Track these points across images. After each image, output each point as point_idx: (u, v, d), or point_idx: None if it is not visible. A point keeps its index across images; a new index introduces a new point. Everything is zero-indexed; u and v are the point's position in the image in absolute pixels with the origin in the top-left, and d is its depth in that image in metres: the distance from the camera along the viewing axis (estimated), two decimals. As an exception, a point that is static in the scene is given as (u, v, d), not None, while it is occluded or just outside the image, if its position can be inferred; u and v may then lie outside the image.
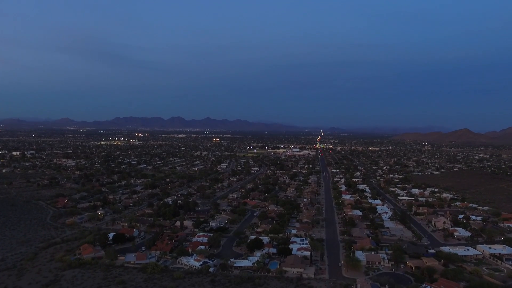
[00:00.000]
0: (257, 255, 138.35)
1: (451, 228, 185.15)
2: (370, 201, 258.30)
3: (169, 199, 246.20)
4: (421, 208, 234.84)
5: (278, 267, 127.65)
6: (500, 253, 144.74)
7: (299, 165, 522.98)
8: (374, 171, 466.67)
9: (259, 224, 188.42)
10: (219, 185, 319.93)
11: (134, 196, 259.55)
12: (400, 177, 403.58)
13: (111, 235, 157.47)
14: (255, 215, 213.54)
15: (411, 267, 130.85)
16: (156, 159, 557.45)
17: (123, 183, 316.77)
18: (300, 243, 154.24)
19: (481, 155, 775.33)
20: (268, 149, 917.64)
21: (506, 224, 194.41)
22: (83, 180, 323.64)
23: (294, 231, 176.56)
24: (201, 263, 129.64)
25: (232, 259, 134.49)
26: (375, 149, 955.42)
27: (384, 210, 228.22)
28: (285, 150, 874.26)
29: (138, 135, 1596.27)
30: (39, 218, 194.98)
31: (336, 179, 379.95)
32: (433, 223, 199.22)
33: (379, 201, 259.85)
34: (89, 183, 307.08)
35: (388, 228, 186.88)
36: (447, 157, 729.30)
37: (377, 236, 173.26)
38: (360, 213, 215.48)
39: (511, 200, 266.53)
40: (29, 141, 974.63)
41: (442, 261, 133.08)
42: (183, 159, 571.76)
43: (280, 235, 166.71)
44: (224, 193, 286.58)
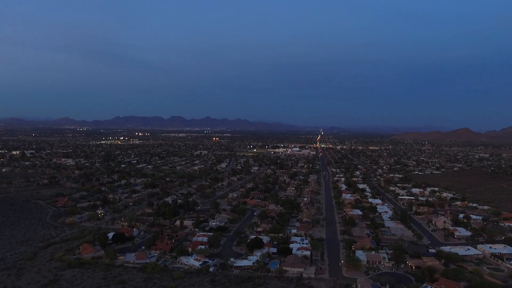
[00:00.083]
0: (257, 254, 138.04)
1: (451, 227, 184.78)
2: (370, 200, 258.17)
3: (169, 199, 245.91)
4: (421, 207, 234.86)
5: (278, 266, 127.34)
6: (500, 253, 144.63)
7: (299, 165, 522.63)
8: (374, 171, 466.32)
9: (259, 223, 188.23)
10: (219, 185, 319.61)
11: (134, 195, 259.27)
12: (400, 176, 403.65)
13: (110, 235, 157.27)
14: (255, 214, 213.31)
15: (411, 267, 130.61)
16: (156, 158, 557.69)
17: (123, 182, 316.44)
18: (300, 243, 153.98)
19: (481, 155, 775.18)
20: (268, 148, 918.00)
21: (506, 223, 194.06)
22: (83, 179, 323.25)
23: (294, 231, 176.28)
24: (201, 262, 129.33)
25: (232, 259, 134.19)
26: (375, 148, 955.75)
27: (384, 209, 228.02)
28: (285, 149, 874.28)
29: (138, 134, 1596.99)
30: (39, 217, 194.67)
31: (336, 179, 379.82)
32: (434, 223, 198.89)
33: (379, 201, 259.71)
34: (89, 183, 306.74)
35: (388, 227, 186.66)
36: (447, 156, 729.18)
37: (378, 235, 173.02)
38: (360, 213, 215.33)
39: (511, 199, 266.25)
40: (29, 140, 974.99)
41: (442, 260, 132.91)
42: (183, 159, 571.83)
43: (280, 235, 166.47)
44: (224, 193, 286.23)
